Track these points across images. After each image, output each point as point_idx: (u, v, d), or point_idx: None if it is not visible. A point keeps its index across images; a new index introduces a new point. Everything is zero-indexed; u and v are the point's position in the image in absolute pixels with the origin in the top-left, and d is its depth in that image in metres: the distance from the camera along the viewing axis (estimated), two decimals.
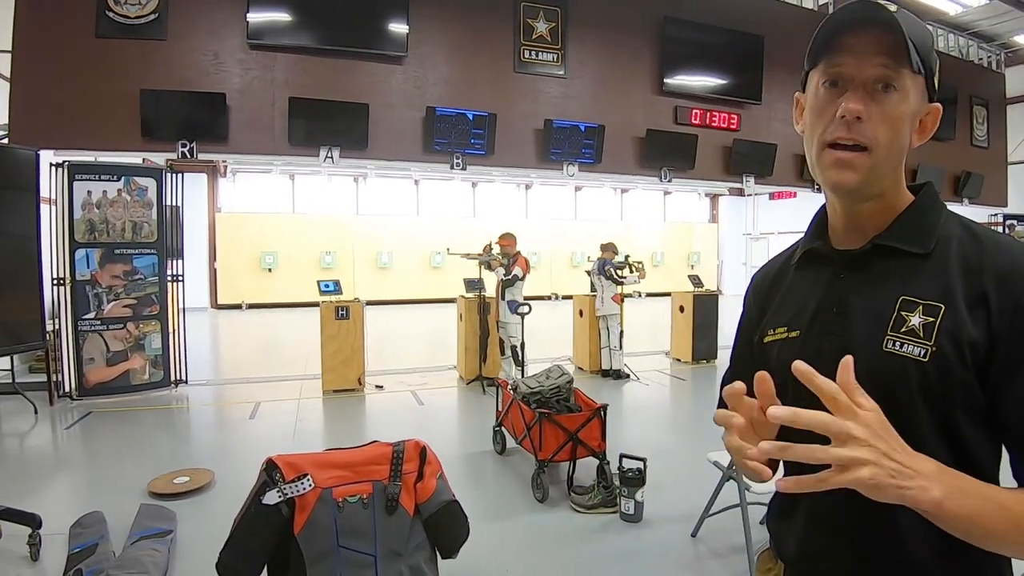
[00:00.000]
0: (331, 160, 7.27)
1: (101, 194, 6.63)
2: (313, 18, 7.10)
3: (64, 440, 5.60)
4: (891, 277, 0.94)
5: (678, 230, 22.39)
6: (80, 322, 6.54)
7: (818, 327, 1.00)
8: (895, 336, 0.90)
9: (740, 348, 1.20)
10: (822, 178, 0.95)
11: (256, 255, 17.17)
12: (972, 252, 0.90)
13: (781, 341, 1.04)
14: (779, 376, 0.90)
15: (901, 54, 0.88)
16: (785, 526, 1.06)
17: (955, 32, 12.73)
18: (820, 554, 0.99)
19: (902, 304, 0.91)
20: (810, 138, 0.97)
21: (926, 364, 0.86)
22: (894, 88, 0.89)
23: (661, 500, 4.00)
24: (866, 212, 0.98)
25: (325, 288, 7.44)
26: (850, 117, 0.89)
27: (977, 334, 0.85)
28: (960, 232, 0.94)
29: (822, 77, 0.93)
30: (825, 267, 1.03)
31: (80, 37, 6.38)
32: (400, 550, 2.36)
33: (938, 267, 0.91)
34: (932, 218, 0.96)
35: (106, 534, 3.41)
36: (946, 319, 0.87)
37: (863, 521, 0.89)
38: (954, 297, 0.88)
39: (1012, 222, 14.27)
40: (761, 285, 1.18)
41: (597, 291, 8.16)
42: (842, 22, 0.90)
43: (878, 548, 0.91)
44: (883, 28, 0.88)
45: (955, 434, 0.87)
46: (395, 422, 6.21)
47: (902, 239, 0.95)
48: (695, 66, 9.25)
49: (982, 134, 12.94)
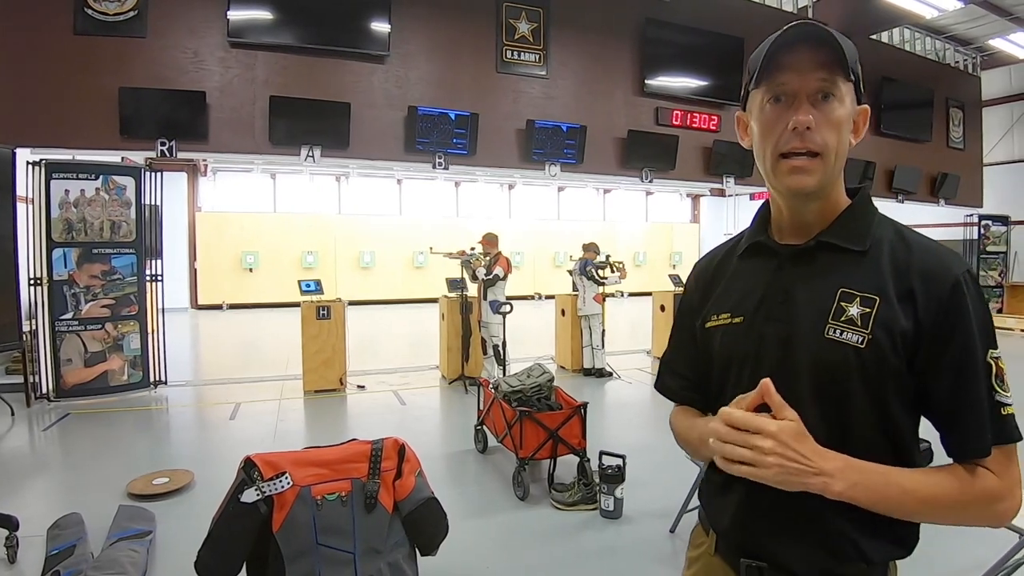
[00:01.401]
0: (312, 159, 7.25)
1: (79, 193, 6.55)
2: (294, 16, 7.08)
3: (42, 442, 5.54)
4: (832, 271, 1.04)
5: (660, 230, 22.54)
6: (57, 322, 6.46)
7: (763, 314, 1.08)
8: (836, 324, 1.00)
9: (682, 333, 1.28)
10: (780, 185, 1.04)
11: (237, 255, 17.04)
12: (901, 253, 1.01)
13: (725, 326, 1.13)
14: (722, 358, 1.10)
15: (837, 66, 0.99)
16: (720, 502, 1.15)
17: (932, 36, 12.94)
18: (754, 523, 1.08)
19: (842, 295, 1.01)
20: (762, 151, 1.05)
21: (863, 350, 0.97)
22: (833, 96, 1.00)
23: (640, 497, 4.03)
24: (812, 211, 1.07)
25: (306, 288, 7.41)
26: (801, 128, 0.98)
27: (906, 325, 0.96)
28: (891, 235, 1.05)
29: (767, 95, 1.03)
30: (770, 259, 1.12)
31: (58, 34, 6.31)
32: (379, 547, 2.38)
33: (873, 264, 1.02)
34: (868, 219, 1.07)
35: (84, 536, 3.38)
36: (880, 310, 0.98)
37: (792, 496, 0.96)
38: (887, 291, 0.98)
39: (987, 222, 14.51)
40: (704, 273, 1.26)
41: (579, 291, 8.19)
42: (781, 44, 0.99)
43: (806, 518, 1.01)
44: (819, 44, 0.98)
45: (885, 412, 0.99)
46: (377, 422, 6.20)
47: (843, 237, 1.05)
48: (676, 67, 9.33)
49: (958, 136, 13.17)
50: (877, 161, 11.46)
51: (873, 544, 1.01)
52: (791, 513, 1.02)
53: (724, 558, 1.16)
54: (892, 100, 11.74)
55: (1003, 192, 14.46)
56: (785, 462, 0.90)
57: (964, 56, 13.68)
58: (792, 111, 0.99)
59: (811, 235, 1.07)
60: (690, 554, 1.28)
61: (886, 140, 11.79)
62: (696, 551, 1.25)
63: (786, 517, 1.03)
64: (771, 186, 1.08)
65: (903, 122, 11.99)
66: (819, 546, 1.02)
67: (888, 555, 1.04)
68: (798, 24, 0.99)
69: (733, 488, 1.10)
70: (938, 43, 13.18)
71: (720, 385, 1.11)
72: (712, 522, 1.19)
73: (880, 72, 11.59)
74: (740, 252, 1.19)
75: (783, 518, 1.04)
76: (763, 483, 0.95)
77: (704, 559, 1.22)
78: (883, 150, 11.70)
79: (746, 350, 1.08)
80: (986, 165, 14.06)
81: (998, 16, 11.42)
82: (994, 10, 11.23)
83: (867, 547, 1.01)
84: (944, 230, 15.47)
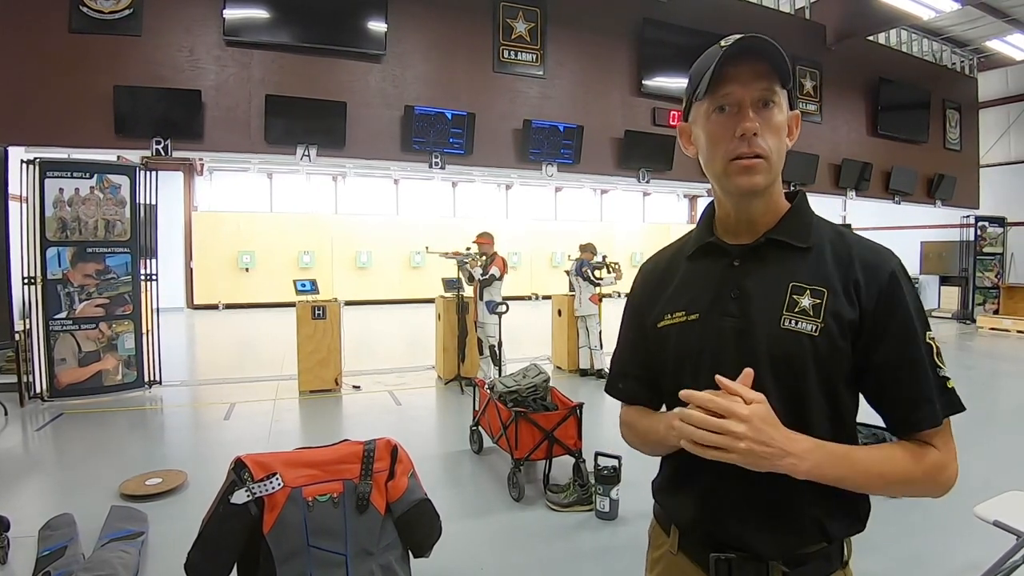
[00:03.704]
0: (308, 158, 7.23)
1: (73, 192, 6.52)
2: (290, 15, 7.06)
3: (35, 442, 5.51)
4: (782, 266, 1.12)
5: (657, 231, 22.49)
6: (52, 322, 6.43)
7: (719, 309, 1.14)
8: (790, 315, 1.07)
9: (632, 334, 1.32)
10: (731, 185, 1.10)
11: (233, 255, 16.99)
12: (842, 248, 1.11)
13: (680, 324, 1.18)
14: (677, 356, 1.17)
15: (775, 76, 1.06)
16: (681, 499, 1.20)
17: (929, 37, 12.96)
18: (721, 513, 1.12)
19: (793, 288, 1.09)
20: (711, 157, 1.12)
21: (817, 338, 1.05)
22: (773, 103, 1.08)
23: (636, 498, 3.99)
24: (758, 211, 1.14)
25: (301, 287, 7.39)
26: (748, 134, 1.05)
27: (852, 313, 1.06)
28: (830, 234, 1.14)
29: (712, 105, 1.10)
30: (720, 258, 1.18)
31: (53, 32, 6.28)
32: (371, 549, 2.36)
33: (817, 259, 1.10)
34: (808, 219, 1.16)
35: (76, 536, 3.36)
36: (829, 300, 1.06)
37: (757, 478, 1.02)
38: (833, 283, 1.07)
39: (984, 224, 14.51)
40: (651, 275, 1.31)
41: (575, 292, 8.18)
42: (726, 57, 1.05)
43: (773, 503, 1.08)
44: (759, 56, 1.05)
45: (835, 395, 1.08)
46: (372, 422, 6.18)
47: (789, 235, 1.13)
48: (673, 68, 9.32)
49: (955, 137, 13.18)
50: (874, 162, 11.46)
51: (834, 523, 1.09)
52: (758, 500, 1.08)
53: (688, 555, 1.18)
54: (889, 101, 11.75)
55: (999, 193, 14.45)
56: (755, 446, 0.95)
57: (961, 58, 13.70)
58: (738, 119, 1.06)
59: (758, 234, 1.14)
60: (652, 555, 1.30)
61: (883, 141, 11.80)
62: (658, 551, 1.27)
63: (752, 504, 1.09)
64: (721, 189, 1.14)
65: (900, 123, 12.00)
66: (785, 529, 1.08)
67: (847, 531, 1.11)
68: (742, 38, 1.05)
69: (693, 481, 1.16)
70: (935, 44, 13.20)
71: (676, 382, 1.12)
72: (673, 519, 1.23)
73: (877, 73, 11.61)
74: (689, 253, 1.23)
75: (749, 505, 1.09)
76: (728, 473, 1.01)
77: (666, 559, 1.24)
78: (880, 151, 11.71)
79: (703, 345, 1.14)
80: (983, 166, 14.07)
81: (995, 18, 11.42)
82: (991, 12, 11.24)
83: (829, 526, 1.08)
84: (940, 231, 15.50)
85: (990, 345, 11.56)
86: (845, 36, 10.95)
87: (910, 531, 3.61)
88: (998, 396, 7.69)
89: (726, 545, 1.11)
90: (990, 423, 6.08)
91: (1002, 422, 6.27)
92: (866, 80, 11.58)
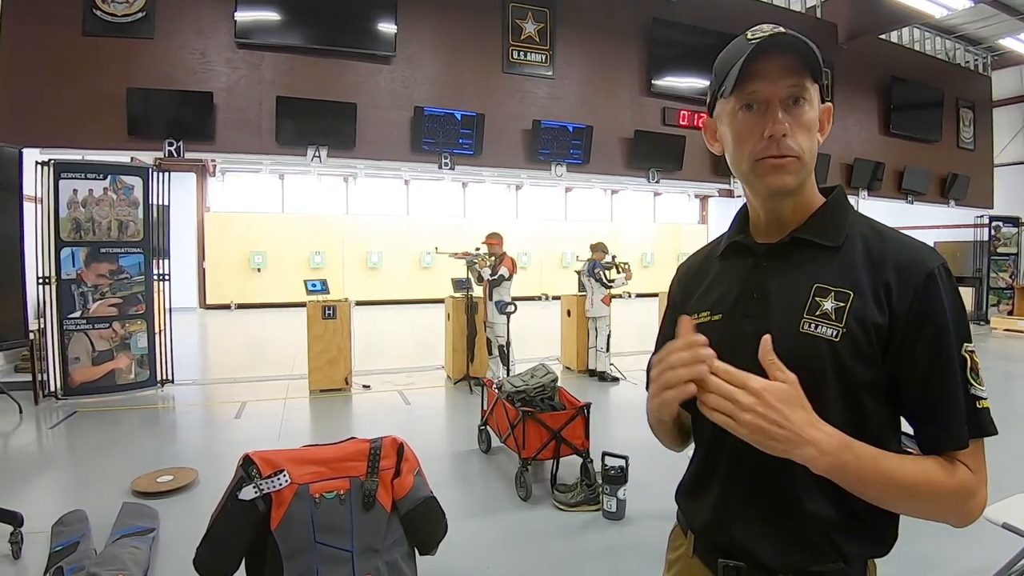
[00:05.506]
0: (319, 159, 7.28)
1: (87, 192, 6.60)
2: (301, 17, 7.11)
3: (48, 439, 5.57)
4: (806, 266, 1.06)
5: (668, 231, 22.46)
6: (65, 321, 6.51)
7: (740, 311, 1.11)
8: (811, 319, 1.01)
9: (668, 330, 1.28)
10: (760, 185, 1.06)
11: (245, 255, 17.11)
12: (876, 247, 1.03)
13: (705, 323, 1.14)
14: None
15: (806, 70, 1.00)
16: (697, 504, 1.17)
17: (942, 35, 12.86)
18: (730, 520, 1.09)
19: (816, 291, 1.02)
20: (738, 157, 1.07)
21: (837, 343, 0.99)
22: (804, 100, 1.02)
23: (643, 498, 4.01)
24: (788, 210, 1.09)
25: (312, 287, 7.44)
26: (777, 136, 1.00)
27: (880, 318, 0.98)
28: (866, 230, 1.07)
29: (738, 103, 1.04)
30: (747, 257, 1.14)
31: (67, 35, 6.37)
32: (377, 546, 2.37)
33: (847, 259, 1.04)
34: (842, 217, 1.09)
35: (88, 532, 3.41)
36: (854, 304, 0.99)
37: (769, 490, 1.01)
38: (861, 285, 1.00)
39: (998, 223, 14.37)
40: (686, 275, 1.30)
41: (587, 292, 8.16)
42: (754, 54, 0.99)
43: (783, 513, 1.03)
44: (787, 51, 0.99)
45: (857, 404, 1.00)
46: (381, 421, 6.21)
47: (817, 233, 1.07)
48: (683, 68, 9.31)
49: (968, 136, 13.07)
50: (886, 162, 11.38)
51: (850, 541, 1.02)
52: (767, 508, 1.04)
53: (702, 559, 1.16)
54: (902, 100, 11.66)
55: (1014, 193, 14.31)
56: (763, 422, 0.89)
57: (974, 56, 13.58)
58: (766, 119, 1.01)
59: (786, 233, 1.09)
60: (669, 556, 1.29)
61: (895, 140, 11.72)
62: (675, 553, 1.26)
63: (762, 513, 1.05)
64: (750, 188, 1.10)
65: (913, 122, 11.91)
66: (796, 543, 1.03)
67: (866, 553, 1.04)
68: (771, 35, 1.01)
69: (709, 486, 1.13)
70: (948, 43, 13.10)
71: None
72: (689, 522, 1.20)
73: (890, 72, 11.53)
74: (719, 253, 1.22)
75: (759, 514, 1.05)
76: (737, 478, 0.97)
77: (683, 561, 1.22)
78: (892, 150, 11.63)
79: (722, 346, 1.07)
80: (997, 166, 13.94)
81: (1009, 15, 11.32)
82: (1004, 9, 11.13)
83: (844, 544, 1.01)
84: (954, 231, 15.36)
85: (1004, 346, 11.43)
86: (857, 35, 10.89)
87: (917, 533, 3.56)
88: (1011, 398, 7.61)
89: (735, 553, 1.08)
90: (1001, 425, 5.83)
91: (1014, 424, 6.19)
92: (878, 79, 11.50)
